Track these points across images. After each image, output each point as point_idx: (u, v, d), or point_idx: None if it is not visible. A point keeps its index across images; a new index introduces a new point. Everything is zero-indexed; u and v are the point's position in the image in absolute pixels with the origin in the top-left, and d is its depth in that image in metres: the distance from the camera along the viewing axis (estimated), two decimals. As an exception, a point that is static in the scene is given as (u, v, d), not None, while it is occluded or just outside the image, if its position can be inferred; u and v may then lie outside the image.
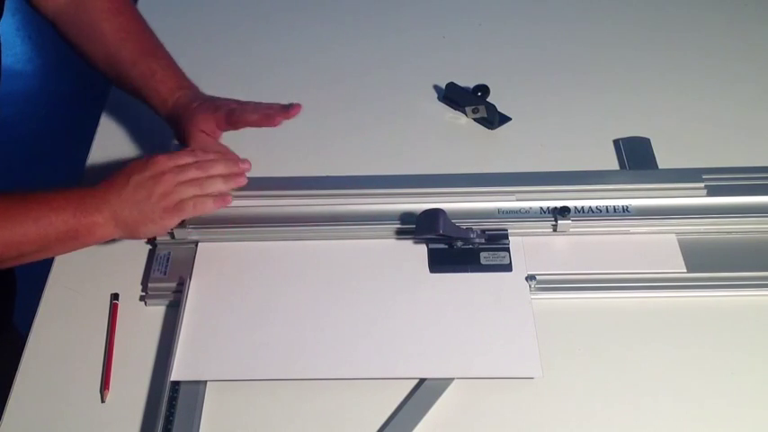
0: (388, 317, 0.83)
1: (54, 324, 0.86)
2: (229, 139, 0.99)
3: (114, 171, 0.85)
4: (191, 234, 0.90)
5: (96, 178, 1.00)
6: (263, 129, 1.07)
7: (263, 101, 1.11)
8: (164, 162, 0.85)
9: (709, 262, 0.88)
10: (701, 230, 0.90)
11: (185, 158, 0.87)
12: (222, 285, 0.87)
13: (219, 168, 0.88)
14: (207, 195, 0.85)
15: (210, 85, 1.13)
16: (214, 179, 0.87)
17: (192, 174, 0.85)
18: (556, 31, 1.25)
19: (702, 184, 0.93)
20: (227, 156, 0.91)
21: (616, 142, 1.04)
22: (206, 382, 0.80)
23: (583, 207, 0.92)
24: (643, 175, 0.97)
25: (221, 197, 0.87)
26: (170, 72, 0.95)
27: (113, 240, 0.91)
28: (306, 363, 0.80)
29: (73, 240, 0.82)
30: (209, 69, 1.18)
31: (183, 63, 1.18)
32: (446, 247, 0.89)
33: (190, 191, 0.84)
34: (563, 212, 0.90)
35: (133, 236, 0.84)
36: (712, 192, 0.93)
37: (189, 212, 0.84)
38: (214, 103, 0.94)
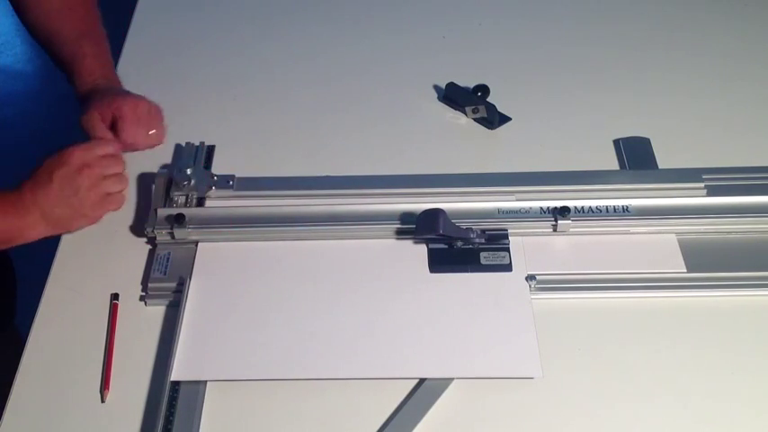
0: (388, 317, 0.83)
1: (54, 324, 0.85)
2: (229, 136, 0.99)
3: (33, 170, 0.86)
4: (191, 234, 0.90)
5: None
6: (264, 128, 1.07)
7: (264, 101, 1.11)
8: (82, 154, 0.86)
9: (708, 262, 0.87)
10: (701, 230, 0.90)
11: (103, 148, 0.88)
12: (222, 285, 0.87)
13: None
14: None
15: (211, 86, 1.14)
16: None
17: (115, 168, 0.87)
18: (556, 31, 1.25)
19: (702, 184, 0.94)
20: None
21: (616, 142, 1.04)
22: (206, 382, 0.79)
23: (583, 207, 0.92)
24: (643, 175, 0.97)
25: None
26: (100, 61, 0.96)
27: (113, 240, 0.92)
28: (306, 363, 0.80)
29: (5, 243, 0.83)
30: (209, 69, 1.18)
31: (183, 63, 1.18)
32: (446, 247, 0.89)
33: (115, 186, 0.86)
34: (563, 212, 0.90)
35: (66, 230, 0.87)
36: (712, 192, 0.93)
37: (118, 205, 0.87)
38: (116, 99, 0.94)
